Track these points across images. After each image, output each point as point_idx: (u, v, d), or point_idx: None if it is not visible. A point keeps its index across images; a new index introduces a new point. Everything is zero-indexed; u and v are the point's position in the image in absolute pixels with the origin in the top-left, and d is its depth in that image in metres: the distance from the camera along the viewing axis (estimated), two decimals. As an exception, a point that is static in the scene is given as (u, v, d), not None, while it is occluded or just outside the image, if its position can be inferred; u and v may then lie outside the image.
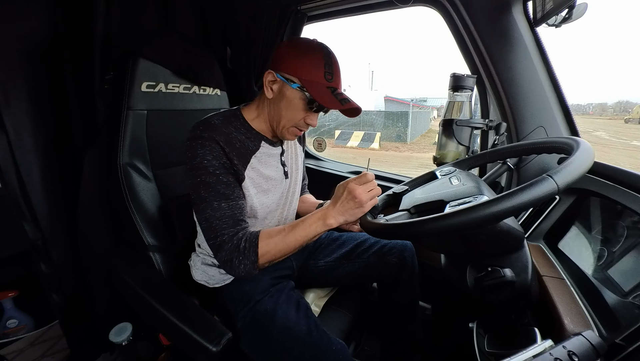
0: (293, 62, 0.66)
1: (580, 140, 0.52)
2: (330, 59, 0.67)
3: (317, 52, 0.67)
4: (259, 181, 0.74)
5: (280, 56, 0.68)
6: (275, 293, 0.74)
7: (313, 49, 0.67)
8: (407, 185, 0.76)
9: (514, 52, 0.85)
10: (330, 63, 0.67)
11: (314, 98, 0.65)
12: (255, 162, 0.73)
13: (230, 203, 0.66)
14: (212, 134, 0.66)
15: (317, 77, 0.66)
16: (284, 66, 0.67)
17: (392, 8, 1.08)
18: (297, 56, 0.66)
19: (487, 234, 0.52)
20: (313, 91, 0.65)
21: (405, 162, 8.21)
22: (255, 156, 0.73)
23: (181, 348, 0.68)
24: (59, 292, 1.01)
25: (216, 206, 0.64)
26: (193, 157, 0.65)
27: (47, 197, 0.93)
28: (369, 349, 1.17)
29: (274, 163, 0.78)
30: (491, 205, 0.41)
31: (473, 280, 0.56)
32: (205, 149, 0.65)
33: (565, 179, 0.41)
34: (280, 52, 0.69)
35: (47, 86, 0.89)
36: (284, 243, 0.64)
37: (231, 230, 0.64)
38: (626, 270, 0.56)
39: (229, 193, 0.66)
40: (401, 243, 0.91)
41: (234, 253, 0.63)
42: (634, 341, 0.42)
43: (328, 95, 0.66)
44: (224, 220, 0.64)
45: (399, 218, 0.60)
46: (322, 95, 0.65)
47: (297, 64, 0.66)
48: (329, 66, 0.67)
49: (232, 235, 0.64)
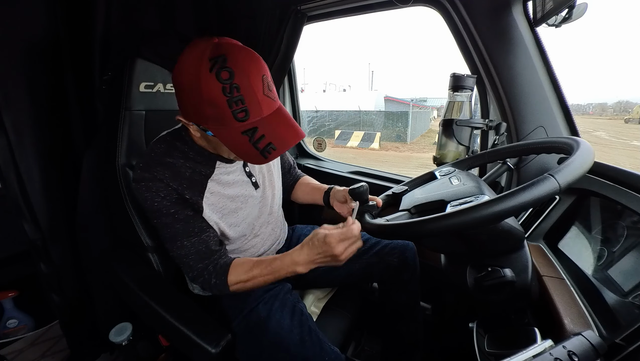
0: (192, 108, 0.53)
1: (581, 140, 0.52)
2: (235, 87, 0.49)
3: (212, 86, 0.49)
4: (223, 204, 0.68)
5: (178, 95, 0.55)
6: (269, 298, 0.73)
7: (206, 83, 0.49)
8: (407, 185, 0.76)
9: (514, 52, 0.85)
10: (236, 94, 0.50)
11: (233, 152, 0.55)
12: (214, 186, 0.66)
13: (193, 240, 0.63)
14: (154, 173, 0.59)
15: (226, 121, 0.51)
16: (186, 113, 0.55)
17: (392, 8, 1.08)
18: (193, 99, 0.51)
19: (487, 234, 0.52)
20: (228, 143, 0.53)
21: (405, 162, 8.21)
22: (211, 180, 0.66)
23: (180, 349, 0.68)
24: (59, 292, 1.01)
25: (179, 245, 0.63)
26: (143, 200, 0.61)
27: (47, 197, 0.93)
28: (369, 349, 1.17)
29: (237, 178, 0.71)
30: (493, 205, 0.41)
31: (473, 280, 0.56)
32: (151, 192, 0.59)
33: (567, 178, 0.41)
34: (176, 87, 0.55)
35: (47, 86, 0.89)
36: (253, 283, 0.64)
37: (199, 266, 0.64)
38: (626, 270, 0.56)
39: (190, 230, 0.62)
40: (402, 243, 0.91)
41: (206, 285, 0.65)
42: (634, 341, 0.42)
43: (245, 145, 0.52)
44: (190, 258, 0.64)
45: (399, 218, 0.60)
46: (238, 147, 0.53)
47: (196, 110, 0.52)
48: (237, 100, 0.50)
49: (202, 270, 0.64)
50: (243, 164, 0.74)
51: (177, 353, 0.89)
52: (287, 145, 0.55)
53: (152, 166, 0.60)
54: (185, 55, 0.53)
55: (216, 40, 0.53)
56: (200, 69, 0.50)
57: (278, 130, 0.55)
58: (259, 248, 0.81)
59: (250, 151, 0.54)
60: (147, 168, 0.60)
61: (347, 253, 0.57)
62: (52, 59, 0.88)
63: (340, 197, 0.81)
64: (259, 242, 0.80)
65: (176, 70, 0.54)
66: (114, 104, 0.80)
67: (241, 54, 0.52)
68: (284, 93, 1.50)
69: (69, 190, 0.96)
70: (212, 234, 0.66)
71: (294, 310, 0.72)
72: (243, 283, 0.64)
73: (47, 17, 0.85)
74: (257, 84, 0.52)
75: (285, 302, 0.74)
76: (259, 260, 0.65)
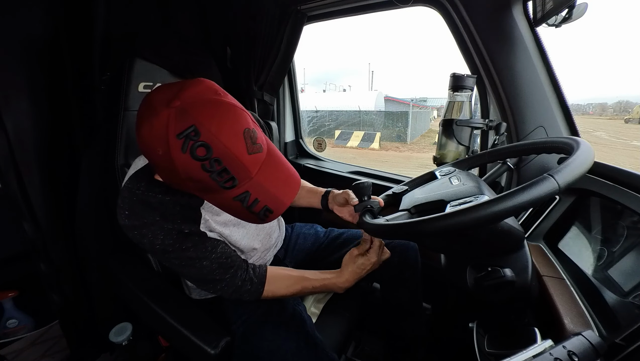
0: (176, 183, 0.50)
1: (580, 140, 0.52)
2: (216, 161, 0.44)
3: (189, 165, 0.44)
4: (223, 223, 0.67)
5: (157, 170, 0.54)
6: (268, 303, 0.72)
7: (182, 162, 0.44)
8: (407, 185, 0.76)
9: (514, 52, 0.85)
10: (218, 167, 0.45)
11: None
12: (208, 214, 0.64)
13: (212, 257, 0.59)
14: (143, 220, 0.54)
15: (214, 191, 0.48)
16: (172, 184, 0.53)
17: (392, 8, 1.08)
18: (173, 174, 0.47)
19: (487, 234, 0.52)
20: (223, 207, 0.52)
21: (405, 162, 8.21)
22: (203, 208, 0.63)
23: (180, 350, 0.68)
24: (59, 292, 1.01)
25: (199, 267, 0.59)
26: (143, 246, 0.56)
27: (47, 197, 0.93)
28: (369, 349, 1.17)
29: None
30: (493, 205, 0.41)
31: (473, 280, 0.56)
32: (149, 237, 0.55)
33: (566, 178, 0.41)
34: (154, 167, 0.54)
35: (47, 86, 0.89)
36: (285, 295, 0.68)
37: (227, 276, 0.61)
38: (626, 270, 0.56)
39: (202, 253, 0.59)
40: (404, 242, 0.90)
41: (235, 293, 0.63)
42: (634, 341, 0.42)
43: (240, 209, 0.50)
44: (215, 273, 0.60)
45: (399, 218, 0.60)
46: (233, 211, 0.51)
47: (182, 185, 0.49)
48: (220, 173, 0.45)
49: (231, 278, 0.62)
50: None
51: (176, 354, 0.89)
52: (284, 205, 0.51)
53: (137, 212, 0.55)
54: (145, 129, 0.45)
55: (177, 103, 0.44)
56: (170, 151, 0.43)
57: (272, 189, 0.50)
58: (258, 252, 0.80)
59: (246, 214, 0.51)
60: (134, 216, 0.55)
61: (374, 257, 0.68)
62: (52, 59, 0.88)
63: (341, 200, 0.80)
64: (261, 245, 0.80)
65: (142, 146, 0.47)
66: (113, 104, 0.80)
67: (212, 116, 0.44)
68: (284, 93, 1.50)
69: (69, 190, 0.96)
70: (227, 247, 0.65)
71: (292, 315, 0.72)
72: (273, 295, 0.67)
73: (47, 17, 0.85)
74: (238, 146, 0.45)
75: (284, 306, 0.73)
76: (302, 277, 0.69)
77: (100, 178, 0.90)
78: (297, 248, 0.95)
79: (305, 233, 0.98)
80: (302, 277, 0.68)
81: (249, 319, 0.71)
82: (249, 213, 0.50)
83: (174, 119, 0.43)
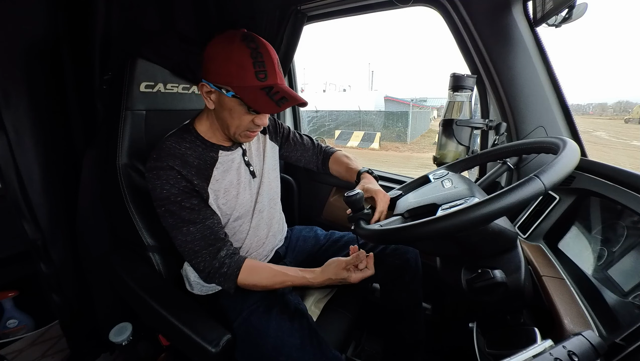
0: (220, 69, 0.63)
1: (567, 140, 0.53)
2: (260, 54, 0.62)
3: (242, 51, 0.61)
4: (225, 189, 0.75)
5: (207, 63, 0.65)
6: (270, 300, 0.74)
7: (238, 48, 0.61)
8: (401, 190, 0.77)
9: (514, 52, 0.85)
10: (260, 59, 0.62)
11: (249, 105, 0.63)
12: (218, 173, 0.73)
13: (198, 226, 0.67)
14: (167, 161, 0.66)
15: (248, 80, 0.62)
16: (213, 75, 0.64)
17: (392, 8, 1.08)
18: (223, 61, 0.62)
19: (478, 236, 0.52)
20: (247, 98, 0.62)
21: (405, 162, 8.21)
22: (216, 168, 0.73)
23: (180, 349, 0.68)
24: (59, 292, 1.01)
25: (185, 231, 0.67)
26: (153, 188, 0.67)
27: (47, 197, 0.93)
28: (369, 349, 1.17)
29: (237, 166, 0.78)
30: (481, 207, 0.41)
31: (465, 282, 0.57)
32: (161, 180, 0.66)
33: (552, 179, 0.42)
34: (207, 57, 0.64)
35: (47, 86, 0.89)
36: (263, 288, 0.71)
37: (204, 252, 0.67)
38: (626, 270, 0.56)
39: (195, 216, 0.67)
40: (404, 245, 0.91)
41: (213, 274, 0.68)
42: (634, 341, 0.42)
43: (263, 98, 0.63)
44: (195, 243, 0.67)
45: (393, 223, 0.61)
46: (256, 100, 0.63)
47: (224, 71, 0.62)
48: (260, 64, 0.62)
49: (210, 256, 0.67)
50: (242, 153, 0.80)
51: (177, 353, 0.89)
52: (297, 100, 0.65)
53: (163, 157, 0.67)
54: (218, 36, 0.64)
55: (244, 30, 0.65)
56: (233, 39, 0.62)
57: (289, 91, 0.65)
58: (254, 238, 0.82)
59: (266, 102, 0.62)
60: (159, 159, 0.67)
61: (355, 277, 0.69)
62: (52, 59, 0.88)
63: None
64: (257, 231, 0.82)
65: (210, 45, 0.64)
66: (115, 104, 0.81)
67: (264, 41, 0.65)
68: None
69: (69, 190, 0.96)
70: (216, 220, 0.71)
71: (295, 312, 0.72)
72: (253, 285, 0.70)
73: (48, 17, 0.85)
74: (274, 59, 0.65)
75: (286, 303, 0.74)
76: (282, 272, 0.72)
77: (101, 178, 0.90)
78: (298, 249, 0.95)
79: (305, 236, 0.99)
80: (282, 272, 0.72)
81: (251, 316, 0.71)
82: (270, 101, 0.62)
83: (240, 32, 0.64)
